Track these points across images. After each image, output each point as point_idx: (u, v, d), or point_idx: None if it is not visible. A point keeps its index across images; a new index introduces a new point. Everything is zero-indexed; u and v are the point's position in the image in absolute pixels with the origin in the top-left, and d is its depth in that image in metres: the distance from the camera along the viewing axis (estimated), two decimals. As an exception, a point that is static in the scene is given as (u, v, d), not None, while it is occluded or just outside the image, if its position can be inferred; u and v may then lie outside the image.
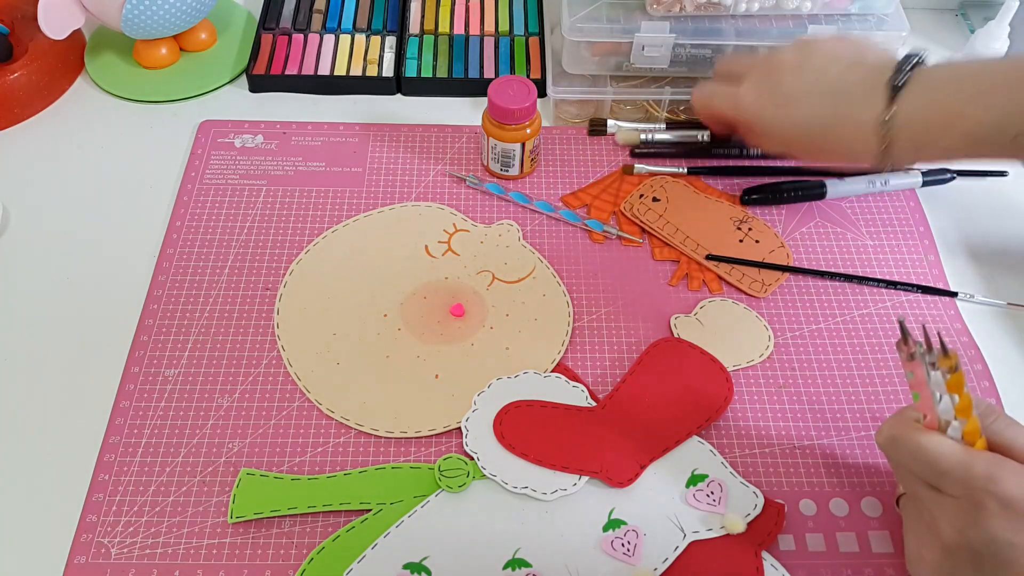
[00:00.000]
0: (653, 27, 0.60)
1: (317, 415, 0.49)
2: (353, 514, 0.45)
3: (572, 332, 0.53)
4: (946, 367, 0.38)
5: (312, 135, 0.64)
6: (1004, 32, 0.61)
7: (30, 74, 0.64)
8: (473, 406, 0.49)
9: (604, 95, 0.64)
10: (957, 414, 0.38)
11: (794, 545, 0.45)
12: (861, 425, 0.50)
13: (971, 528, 0.36)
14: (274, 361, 0.51)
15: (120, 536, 0.45)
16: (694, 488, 0.46)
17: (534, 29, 0.71)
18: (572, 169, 0.62)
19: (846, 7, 0.61)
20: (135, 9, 0.62)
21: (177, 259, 0.56)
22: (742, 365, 0.52)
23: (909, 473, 0.39)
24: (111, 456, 0.47)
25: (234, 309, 0.54)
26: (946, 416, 0.38)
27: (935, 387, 0.38)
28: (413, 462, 0.48)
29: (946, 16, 0.76)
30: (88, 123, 0.65)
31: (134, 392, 0.50)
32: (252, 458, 0.48)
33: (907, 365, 0.39)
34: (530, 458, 0.47)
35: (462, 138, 0.64)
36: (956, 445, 0.37)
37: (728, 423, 0.50)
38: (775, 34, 0.61)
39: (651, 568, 0.43)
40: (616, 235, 0.58)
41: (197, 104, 0.66)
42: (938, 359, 0.38)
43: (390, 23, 0.71)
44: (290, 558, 0.44)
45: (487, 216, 0.59)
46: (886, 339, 0.53)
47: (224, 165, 0.62)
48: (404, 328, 0.53)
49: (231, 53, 0.69)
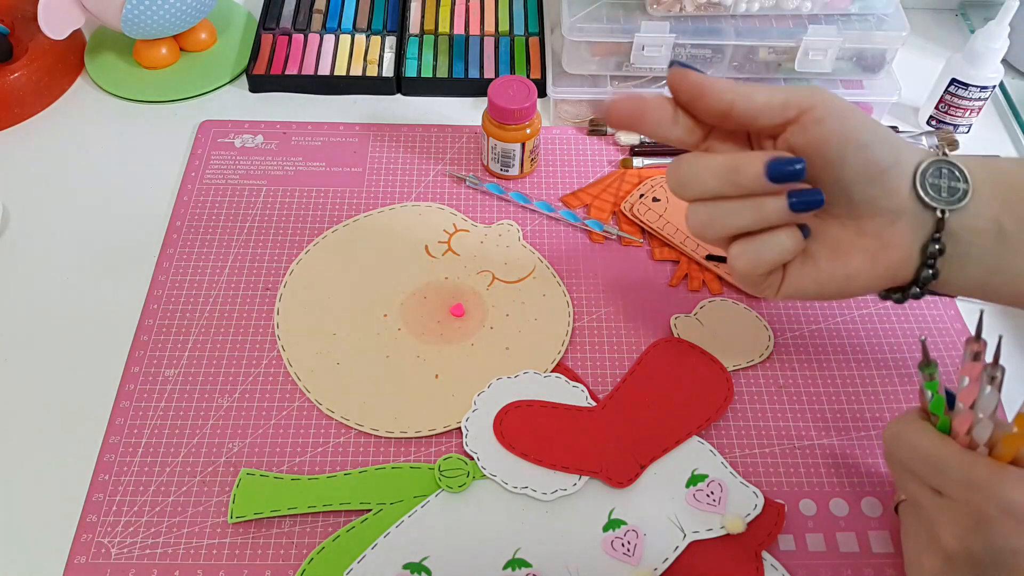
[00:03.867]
0: (653, 27, 0.60)
1: (317, 415, 0.49)
2: (353, 514, 0.45)
3: (572, 332, 0.53)
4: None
5: (312, 135, 0.64)
6: (1004, 32, 0.60)
7: (30, 74, 0.64)
8: (473, 406, 0.49)
9: (604, 95, 0.64)
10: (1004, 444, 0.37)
11: (794, 545, 0.45)
12: (861, 425, 0.50)
13: (973, 534, 0.35)
14: (274, 361, 0.51)
15: (120, 536, 0.45)
16: (694, 488, 0.46)
17: (534, 29, 0.71)
18: (572, 169, 0.62)
19: (846, 7, 0.61)
20: (135, 9, 0.62)
21: (177, 259, 0.56)
22: (742, 365, 0.52)
23: (911, 475, 0.39)
24: (111, 456, 0.47)
25: (234, 309, 0.54)
26: (983, 432, 0.37)
27: (987, 402, 0.37)
28: (413, 462, 0.48)
29: (946, 16, 0.76)
30: (88, 123, 0.65)
31: (134, 392, 0.50)
32: (252, 458, 0.48)
33: (965, 369, 0.38)
34: (530, 458, 0.47)
35: (462, 138, 0.64)
36: (960, 447, 0.37)
37: (728, 423, 0.50)
38: (775, 34, 0.61)
39: (651, 568, 0.43)
40: (616, 235, 0.58)
41: (197, 104, 0.66)
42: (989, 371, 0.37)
43: (390, 23, 0.71)
44: (290, 558, 0.44)
45: (487, 216, 0.59)
46: (886, 339, 0.53)
47: (224, 165, 0.62)
48: (404, 328, 0.53)
49: (231, 53, 0.69)
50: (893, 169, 0.39)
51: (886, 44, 0.62)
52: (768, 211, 0.39)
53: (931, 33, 0.74)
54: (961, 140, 0.65)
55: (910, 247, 0.40)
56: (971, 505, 0.35)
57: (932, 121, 0.66)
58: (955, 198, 0.39)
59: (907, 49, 0.65)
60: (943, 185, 0.39)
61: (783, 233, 0.40)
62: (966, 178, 0.39)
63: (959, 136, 0.65)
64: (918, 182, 0.39)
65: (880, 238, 0.40)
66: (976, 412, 0.37)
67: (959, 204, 0.39)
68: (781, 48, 0.62)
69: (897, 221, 0.40)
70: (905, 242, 0.40)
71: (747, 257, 0.40)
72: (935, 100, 0.65)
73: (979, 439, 0.37)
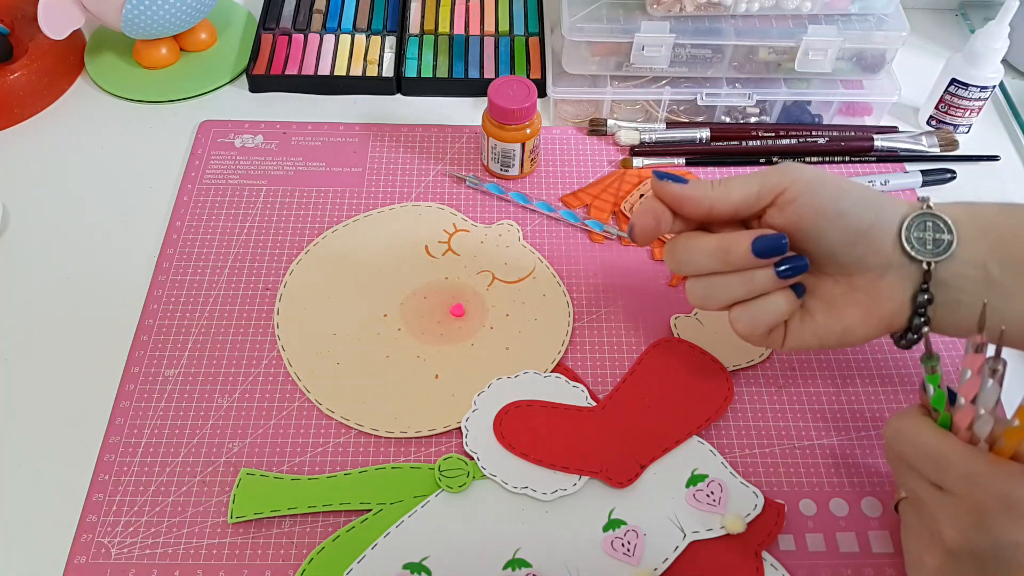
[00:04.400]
0: (653, 27, 0.60)
1: (317, 415, 0.49)
2: (353, 514, 0.45)
3: (572, 332, 0.53)
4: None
5: (312, 135, 0.64)
6: (1004, 32, 0.60)
7: (30, 74, 0.64)
8: (473, 406, 0.49)
9: (604, 95, 0.64)
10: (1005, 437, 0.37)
11: (794, 545, 0.45)
12: (861, 425, 0.50)
13: (974, 530, 0.35)
14: (274, 361, 0.51)
15: (120, 536, 0.45)
16: (694, 488, 0.46)
17: (534, 29, 0.71)
18: (572, 169, 0.62)
19: (846, 7, 0.61)
20: (135, 9, 0.62)
21: (177, 259, 0.56)
22: (742, 365, 0.52)
23: (912, 470, 0.39)
24: (111, 456, 0.47)
25: (234, 309, 0.54)
26: (983, 427, 0.37)
27: (988, 395, 0.37)
28: (413, 462, 0.48)
29: (946, 16, 0.76)
30: (88, 123, 0.65)
31: (134, 392, 0.50)
32: (252, 458, 0.48)
33: (969, 360, 0.38)
34: (530, 458, 0.47)
35: (462, 138, 0.64)
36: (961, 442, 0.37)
37: (728, 423, 0.50)
38: (775, 34, 0.61)
39: (651, 568, 0.43)
40: (616, 235, 0.58)
41: (197, 104, 0.66)
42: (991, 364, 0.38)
43: (390, 23, 0.71)
44: (290, 558, 0.44)
45: (487, 216, 0.59)
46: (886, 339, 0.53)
47: (224, 165, 0.62)
48: (404, 328, 0.53)
49: (231, 53, 0.69)
50: (874, 230, 0.41)
51: (886, 44, 0.62)
52: (758, 282, 0.42)
53: (931, 33, 0.74)
54: (961, 140, 0.65)
55: (900, 298, 0.42)
56: (973, 500, 0.36)
57: (932, 121, 0.66)
58: (940, 249, 0.41)
59: (907, 49, 0.65)
60: (928, 238, 0.41)
61: (777, 296, 0.43)
62: (950, 229, 0.41)
63: (959, 136, 0.65)
64: (903, 236, 0.41)
65: (871, 292, 0.42)
66: (978, 407, 0.37)
67: (944, 255, 0.41)
68: (781, 48, 0.62)
69: (886, 275, 0.42)
70: (895, 294, 0.42)
71: (744, 321, 0.43)
72: (935, 100, 0.65)
73: (980, 435, 0.37)
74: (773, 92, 0.64)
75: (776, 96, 0.64)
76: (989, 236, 0.41)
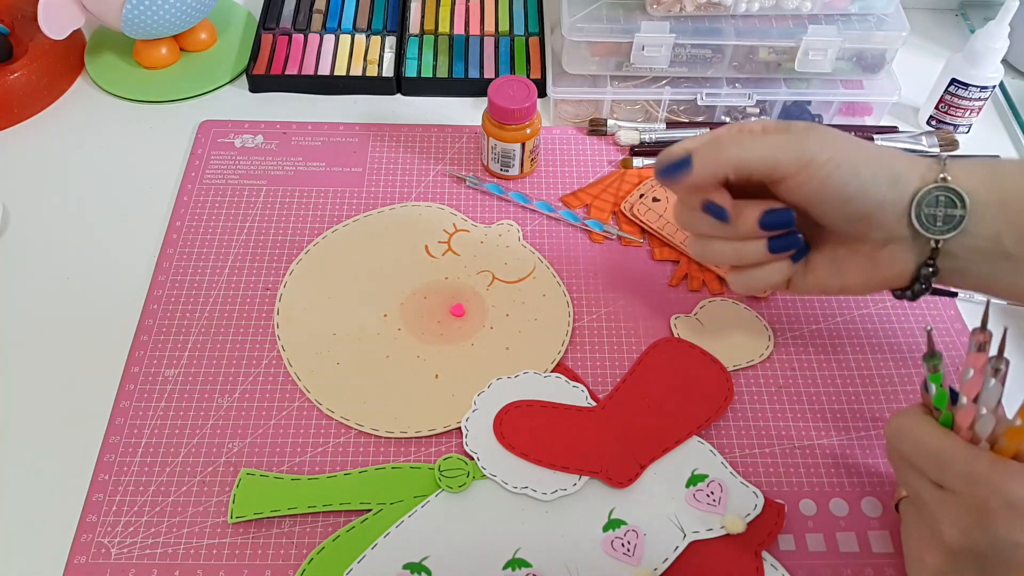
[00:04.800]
0: (653, 27, 0.60)
1: (317, 415, 0.49)
2: (353, 514, 0.45)
3: (572, 332, 0.53)
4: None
5: (312, 135, 0.64)
6: (1004, 32, 0.60)
7: (30, 74, 0.64)
8: (473, 406, 0.49)
9: (604, 95, 0.64)
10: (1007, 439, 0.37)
11: (794, 545, 0.45)
12: (861, 425, 0.50)
13: (975, 528, 0.35)
14: (274, 361, 0.51)
15: (120, 536, 0.45)
16: (694, 488, 0.46)
17: (534, 29, 0.71)
18: (572, 169, 0.62)
19: (846, 7, 0.61)
20: (135, 9, 0.62)
21: (177, 259, 0.56)
22: (742, 365, 0.52)
23: (913, 469, 0.39)
24: (111, 456, 0.47)
25: (234, 309, 0.54)
26: (985, 428, 0.37)
27: (990, 394, 0.37)
28: (413, 462, 0.48)
29: (946, 16, 0.76)
30: (88, 123, 0.65)
31: (134, 392, 0.50)
32: (252, 458, 0.48)
33: (970, 359, 0.39)
34: (530, 458, 0.47)
35: (462, 138, 0.64)
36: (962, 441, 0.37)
37: (728, 423, 0.50)
38: (775, 34, 0.61)
39: (651, 568, 0.43)
40: (616, 235, 0.58)
41: (197, 104, 0.66)
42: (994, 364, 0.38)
43: (390, 23, 0.71)
44: (290, 558, 0.44)
45: (487, 216, 0.59)
46: (886, 339, 0.53)
47: (224, 165, 0.62)
48: (404, 328, 0.53)
49: (231, 53, 0.69)
50: (882, 207, 0.41)
51: (886, 44, 0.62)
52: (747, 253, 0.44)
53: (931, 33, 0.74)
54: (961, 140, 0.65)
55: (903, 267, 0.42)
56: (973, 499, 0.36)
57: (932, 121, 0.66)
58: (950, 226, 0.40)
59: (907, 49, 0.65)
60: (938, 215, 0.40)
61: (771, 267, 0.44)
62: (964, 203, 0.40)
63: (959, 136, 0.65)
64: (913, 213, 0.41)
65: (874, 257, 0.43)
66: (979, 406, 0.37)
67: (953, 233, 0.40)
68: (781, 48, 0.62)
69: (890, 244, 0.42)
70: (898, 264, 0.42)
71: (739, 284, 0.46)
72: (935, 100, 0.65)
73: (981, 434, 0.37)
74: (773, 92, 0.64)
75: (776, 96, 0.64)
76: (1008, 209, 0.40)
